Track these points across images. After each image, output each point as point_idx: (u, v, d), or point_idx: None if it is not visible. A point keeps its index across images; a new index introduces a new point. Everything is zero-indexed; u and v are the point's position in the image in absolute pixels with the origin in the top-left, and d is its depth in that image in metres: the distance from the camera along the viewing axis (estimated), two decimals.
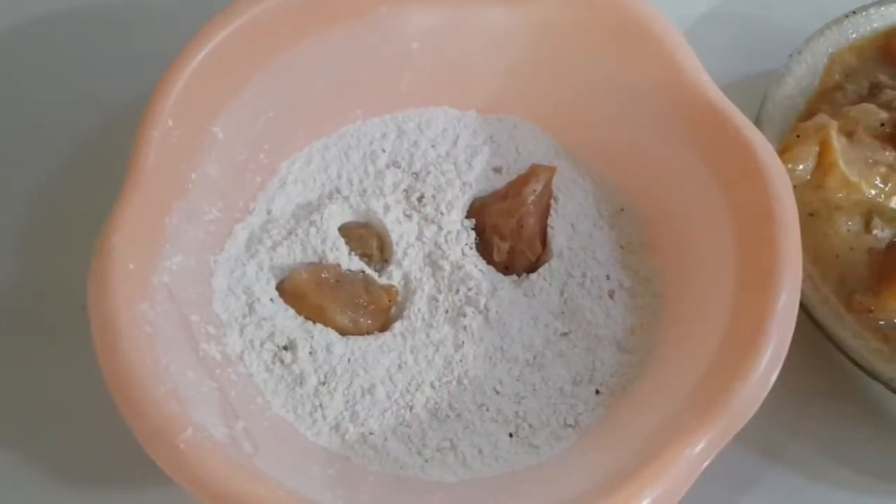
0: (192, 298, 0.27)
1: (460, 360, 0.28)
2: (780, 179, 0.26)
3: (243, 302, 0.29)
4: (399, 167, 0.32)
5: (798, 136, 0.30)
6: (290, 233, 0.30)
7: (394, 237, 0.31)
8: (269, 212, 0.31)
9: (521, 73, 0.33)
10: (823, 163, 0.31)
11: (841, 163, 0.30)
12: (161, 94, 0.27)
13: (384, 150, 0.33)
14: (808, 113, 0.34)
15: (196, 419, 0.23)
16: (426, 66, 0.33)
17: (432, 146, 0.33)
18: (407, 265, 0.30)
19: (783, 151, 0.31)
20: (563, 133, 0.33)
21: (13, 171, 0.35)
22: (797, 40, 0.34)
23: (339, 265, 0.30)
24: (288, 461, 0.25)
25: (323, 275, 0.29)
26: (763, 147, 0.27)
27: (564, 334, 0.29)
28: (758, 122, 0.32)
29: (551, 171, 0.32)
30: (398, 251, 0.31)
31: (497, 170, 0.33)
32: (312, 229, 0.30)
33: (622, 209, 0.32)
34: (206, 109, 0.29)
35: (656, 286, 0.30)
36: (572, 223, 0.32)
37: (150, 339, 0.24)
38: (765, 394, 0.23)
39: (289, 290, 0.29)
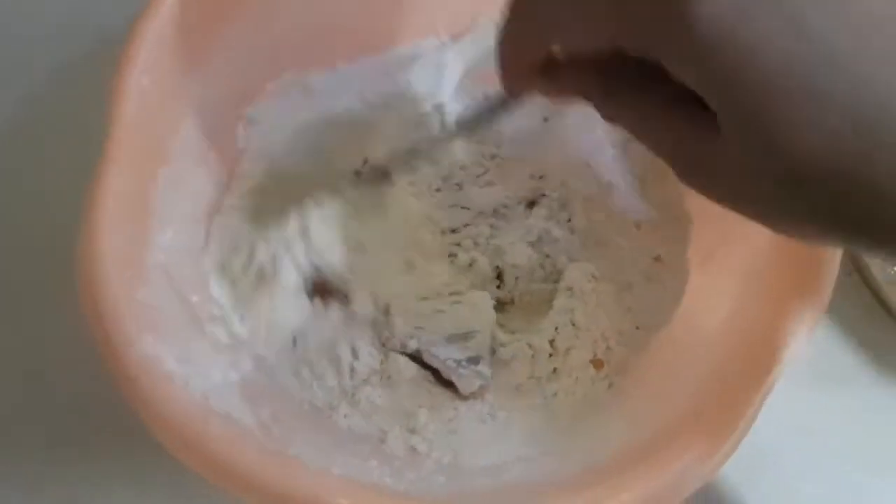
0: (188, 277, 0.25)
1: None
2: None
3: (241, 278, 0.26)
4: None
5: None
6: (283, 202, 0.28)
7: None
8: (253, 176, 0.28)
9: None
10: None
11: None
12: (134, 45, 0.24)
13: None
14: None
15: (217, 408, 0.21)
16: None
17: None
18: None
19: None
20: None
21: None
22: None
23: None
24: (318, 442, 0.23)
25: None
26: None
27: None
28: None
29: None
30: None
31: None
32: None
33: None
34: (182, 61, 0.25)
35: None
36: None
37: (156, 332, 0.21)
38: None
39: None
